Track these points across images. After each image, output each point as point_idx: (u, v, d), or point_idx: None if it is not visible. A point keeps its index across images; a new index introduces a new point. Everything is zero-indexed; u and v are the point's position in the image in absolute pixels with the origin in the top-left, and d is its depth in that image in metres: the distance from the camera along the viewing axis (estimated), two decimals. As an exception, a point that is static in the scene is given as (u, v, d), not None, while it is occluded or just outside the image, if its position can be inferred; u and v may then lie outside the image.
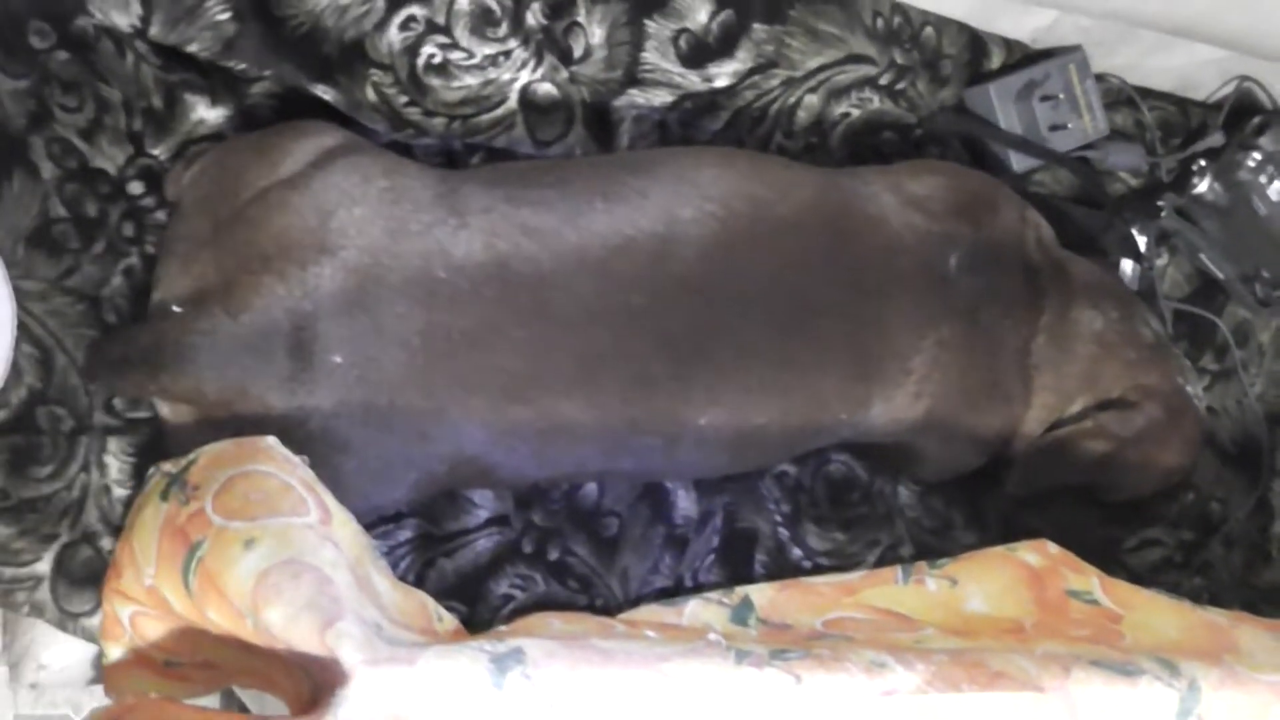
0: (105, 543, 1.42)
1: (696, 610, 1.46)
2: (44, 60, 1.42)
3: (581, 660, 1.11)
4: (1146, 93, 1.88)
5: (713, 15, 1.61)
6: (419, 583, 1.46)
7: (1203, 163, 1.86)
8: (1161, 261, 1.88)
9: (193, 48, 1.44)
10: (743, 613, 1.47)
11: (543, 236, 1.37)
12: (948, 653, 1.25)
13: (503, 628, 1.35)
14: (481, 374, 1.35)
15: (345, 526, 1.22)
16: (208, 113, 1.48)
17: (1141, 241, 1.82)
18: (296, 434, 1.29)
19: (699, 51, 1.62)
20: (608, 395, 1.39)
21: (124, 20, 1.42)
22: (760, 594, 1.49)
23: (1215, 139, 1.88)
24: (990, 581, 1.50)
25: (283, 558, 1.12)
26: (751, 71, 1.64)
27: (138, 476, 1.43)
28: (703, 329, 1.42)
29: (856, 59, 1.68)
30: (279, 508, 1.17)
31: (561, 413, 1.38)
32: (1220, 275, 1.90)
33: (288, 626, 1.08)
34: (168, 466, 1.27)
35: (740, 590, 1.50)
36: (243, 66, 1.46)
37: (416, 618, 1.27)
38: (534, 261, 1.36)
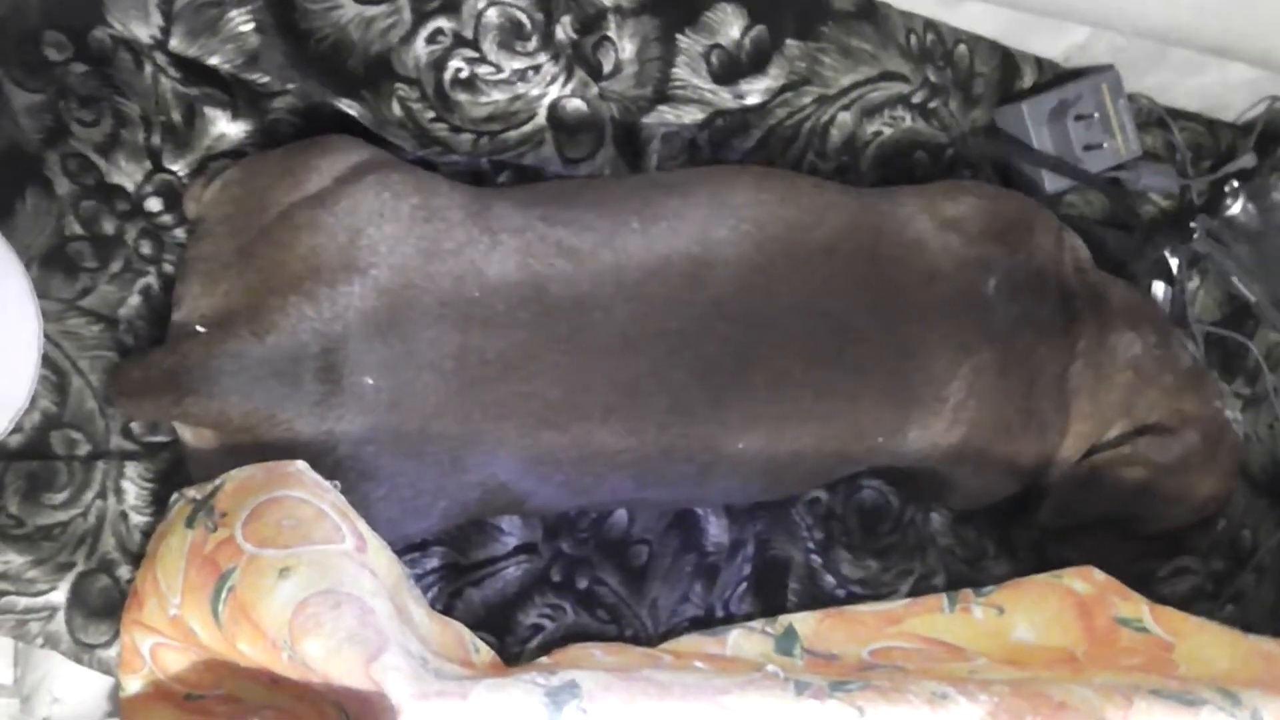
0: (123, 571, 1.37)
1: (739, 640, 1.43)
2: (60, 73, 1.38)
3: (639, 693, 1.07)
4: (1177, 113, 1.86)
5: (745, 31, 1.57)
6: (447, 613, 1.41)
7: (1235, 184, 1.83)
8: (1193, 285, 1.85)
9: (214, 60, 1.40)
10: (787, 643, 1.43)
11: (579, 257, 1.34)
12: (1008, 683, 1.22)
13: (545, 659, 1.31)
14: (516, 399, 1.31)
15: (380, 554, 1.19)
16: (229, 128, 1.43)
17: (1173, 264, 1.79)
18: (325, 460, 1.25)
19: (731, 68, 1.58)
20: (643, 422, 1.35)
21: (144, 31, 1.38)
22: (804, 624, 1.46)
23: (1247, 160, 1.85)
24: (1038, 610, 1.48)
25: (321, 587, 1.08)
26: (784, 89, 1.60)
27: (157, 503, 1.39)
28: (739, 354, 1.38)
29: (890, 76, 1.64)
30: (313, 535, 1.14)
31: (596, 440, 1.34)
32: (1252, 299, 1.87)
33: (329, 659, 1.04)
34: (192, 493, 1.24)
35: (784, 620, 1.47)
36: (265, 80, 1.42)
37: (453, 649, 1.23)
38: (570, 283, 1.33)
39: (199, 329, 1.27)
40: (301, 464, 1.22)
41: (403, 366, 1.27)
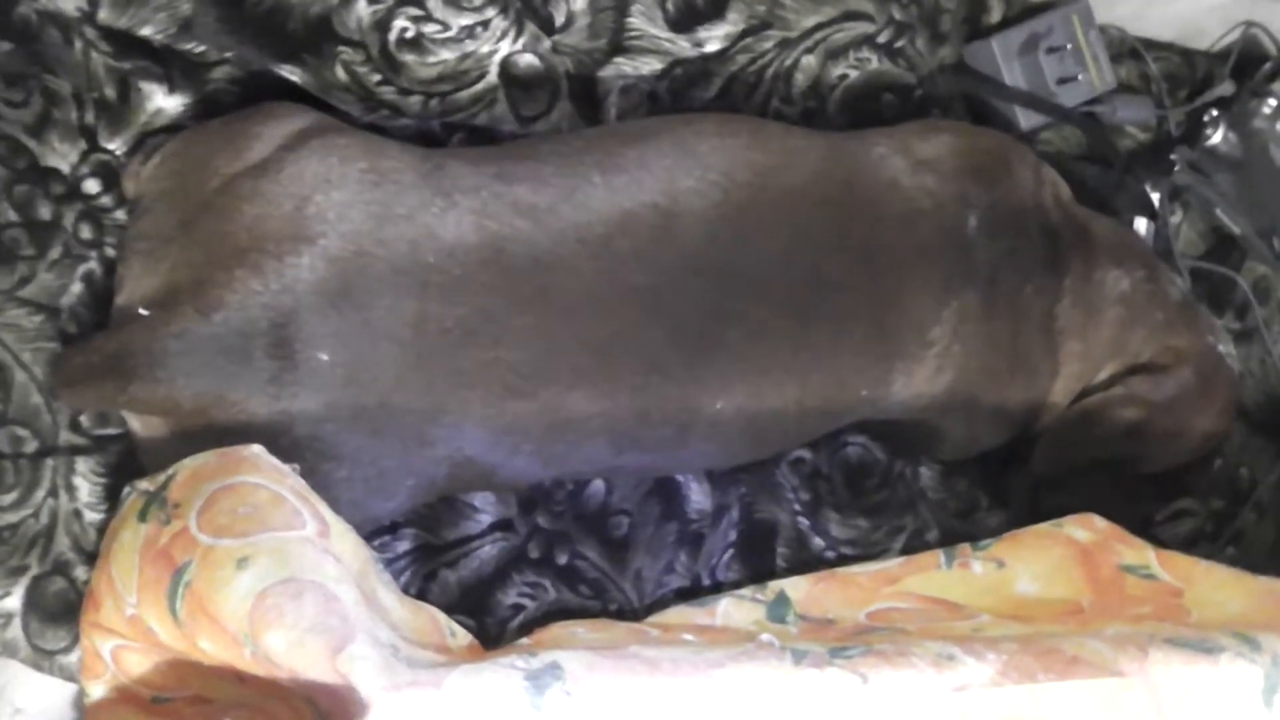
0: (79, 572, 1.32)
1: (729, 609, 1.37)
2: (-17, 53, 1.32)
3: (625, 671, 1.01)
4: (1150, 44, 1.81)
5: (702, -25, 1.51)
6: (421, 597, 1.36)
7: (1214, 113, 1.79)
8: (1175, 219, 1.80)
9: (146, 31, 1.35)
10: (779, 609, 1.38)
11: (538, 215, 1.28)
12: (1016, 640, 1.17)
13: (525, 640, 1.26)
14: (480, 367, 1.25)
15: (345, 538, 1.13)
16: (165, 102, 1.38)
17: (1154, 198, 1.74)
18: (281, 441, 1.19)
19: (688, 14, 1.52)
20: (615, 384, 1.30)
21: (70, 4, 1.33)
22: (795, 588, 1.40)
23: (1225, 88, 1.81)
24: (1039, 561, 1.42)
25: (281, 576, 1.02)
26: (744, 34, 1.55)
27: (111, 499, 1.33)
28: (712, 309, 1.33)
29: (853, 16, 1.58)
30: (272, 522, 1.08)
31: (567, 406, 1.28)
32: (1237, 230, 1.82)
33: (292, 652, 0.99)
34: (144, 485, 1.18)
35: (774, 585, 1.41)
36: (201, 49, 1.36)
37: (428, 634, 1.18)
38: (530, 243, 1.27)
39: (142, 311, 1.21)
40: (257, 448, 1.16)
41: (359, 338, 1.21)
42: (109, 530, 1.19)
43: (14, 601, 1.30)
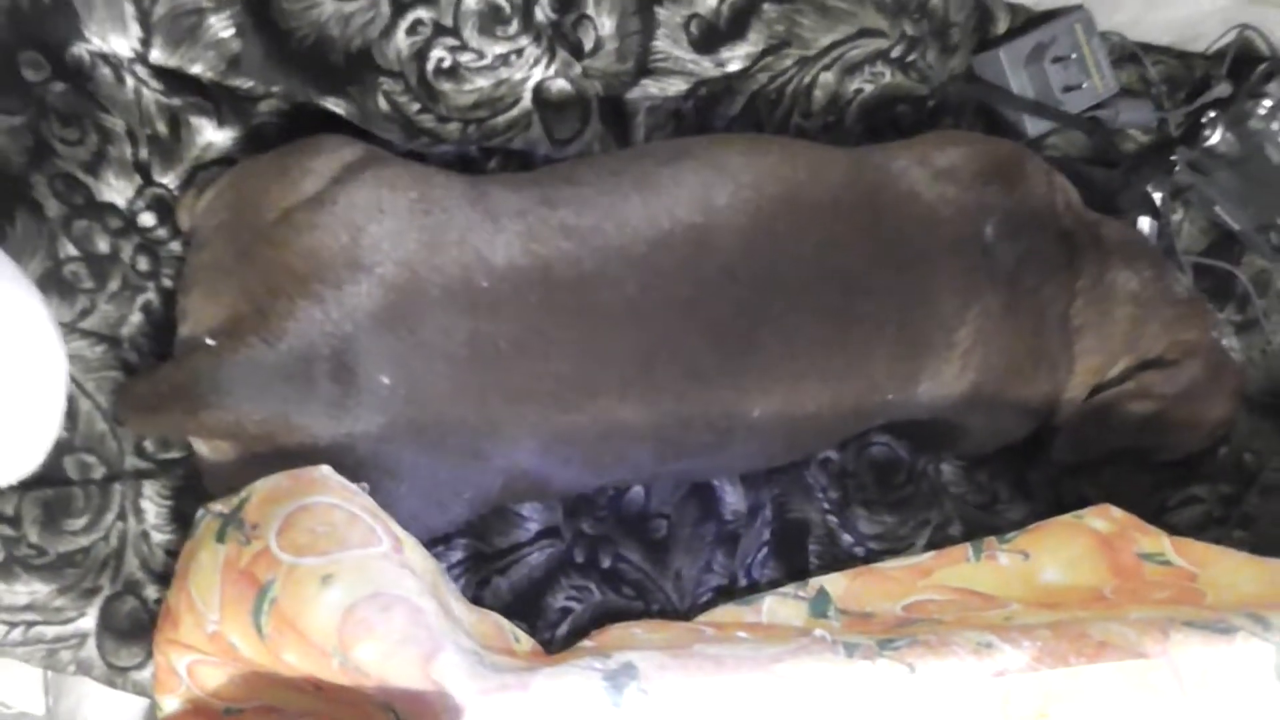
0: (150, 592, 1.37)
1: (774, 607, 1.43)
2: (39, 93, 1.37)
3: (695, 669, 1.07)
4: (1149, 48, 1.86)
5: (722, -2, 1.57)
6: (476, 603, 1.40)
7: (1213, 114, 1.84)
8: (1177, 216, 1.86)
9: (196, 69, 1.40)
10: (821, 605, 1.43)
11: (582, 235, 1.33)
12: (1049, 627, 1.23)
13: (588, 643, 1.31)
14: (532, 382, 1.30)
15: (415, 552, 1.19)
16: (215, 135, 1.43)
17: (1157, 197, 1.80)
18: (345, 461, 1.24)
19: (710, 36, 1.58)
20: (661, 394, 1.35)
21: (124, 45, 1.37)
22: (834, 585, 1.46)
23: (1222, 89, 1.86)
24: (1062, 551, 1.49)
25: (367, 592, 1.07)
26: (764, 53, 1.60)
27: (176, 520, 1.39)
28: (750, 318, 1.38)
29: (868, 33, 1.64)
30: (349, 540, 1.13)
31: (615, 416, 1.34)
32: (1236, 226, 1.88)
33: (385, 662, 1.04)
34: (218, 507, 1.22)
35: (814, 582, 1.47)
36: (249, 84, 1.41)
37: (495, 640, 1.23)
38: (575, 262, 1.32)
39: (209, 341, 1.26)
40: (326, 469, 1.20)
41: (416, 359, 1.26)
42: (185, 551, 1.24)
43: (89, 621, 1.35)
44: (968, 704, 1.16)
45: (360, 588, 1.08)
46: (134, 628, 1.36)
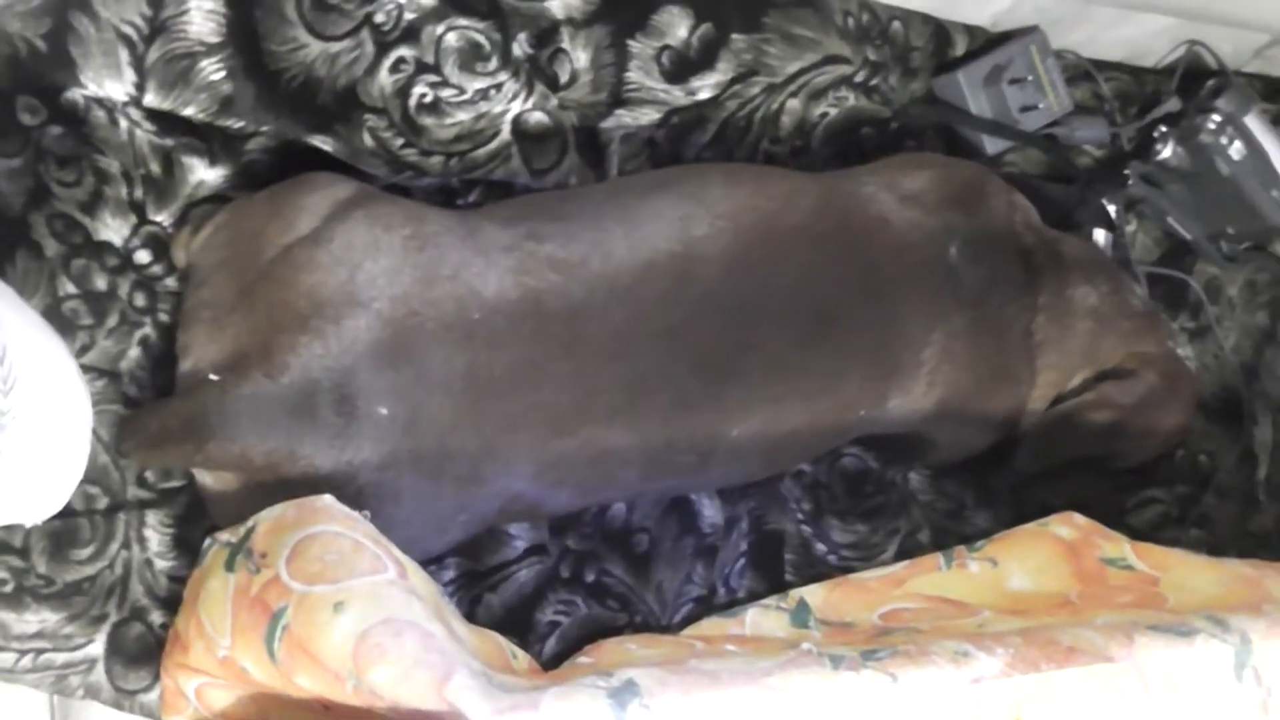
0: (155, 617, 1.41)
1: (756, 618, 1.49)
2: (37, 137, 1.40)
3: (693, 685, 1.12)
4: (1102, 65, 1.92)
5: (692, 30, 1.62)
6: (469, 620, 1.44)
7: (1164, 129, 1.90)
8: (1131, 228, 1.92)
9: (189, 111, 1.43)
10: (801, 615, 1.49)
11: (570, 269, 1.38)
12: (1020, 634, 1.28)
13: (584, 660, 1.36)
14: (526, 411, 1.35)
15: (418, 576, 1.23)
16: (207, 173, 1.46)
17: (1111, 210, 1.86)
18: (347, 490, 1.29)
19: (681, 66, 1.63)
20: (647, 419, 1.40)
21: (119, 89, 1.40)
22: (814, 595, 1.52)
23: (1172, 104, 1.92)
24: (1029, 559, 1.55)
25: (379, 618, 1.12)
26: (733, 81, 1.66)
27: (179, 548, 1.42)
28: (730, 344, 1.43)
29: (832, 60, 1.70)
30: (358, 568, 1.17)
31: (605, 441, 1.39)
32: (1188, 236, 1.94)
33: (399, 685, 1.08)
34: (225, 536, 1.27)
35: (794, 594, 1.53)
36: (240, 124, 1.45)
37: (495, 658, 1.27)
38: (565, 295, 1.37)
39: (212, 376, 1.30)
40: (329, 498, 1.25)
41: (414, 391, 1.31)
42: (193, 579, 1.28)
43: (97, 648, 1.39)
44: (946, 711, 1.22)
45: (372, 614, 1.12)
46: (141, 652, 1.40)
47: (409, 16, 1.50)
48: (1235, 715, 1.32)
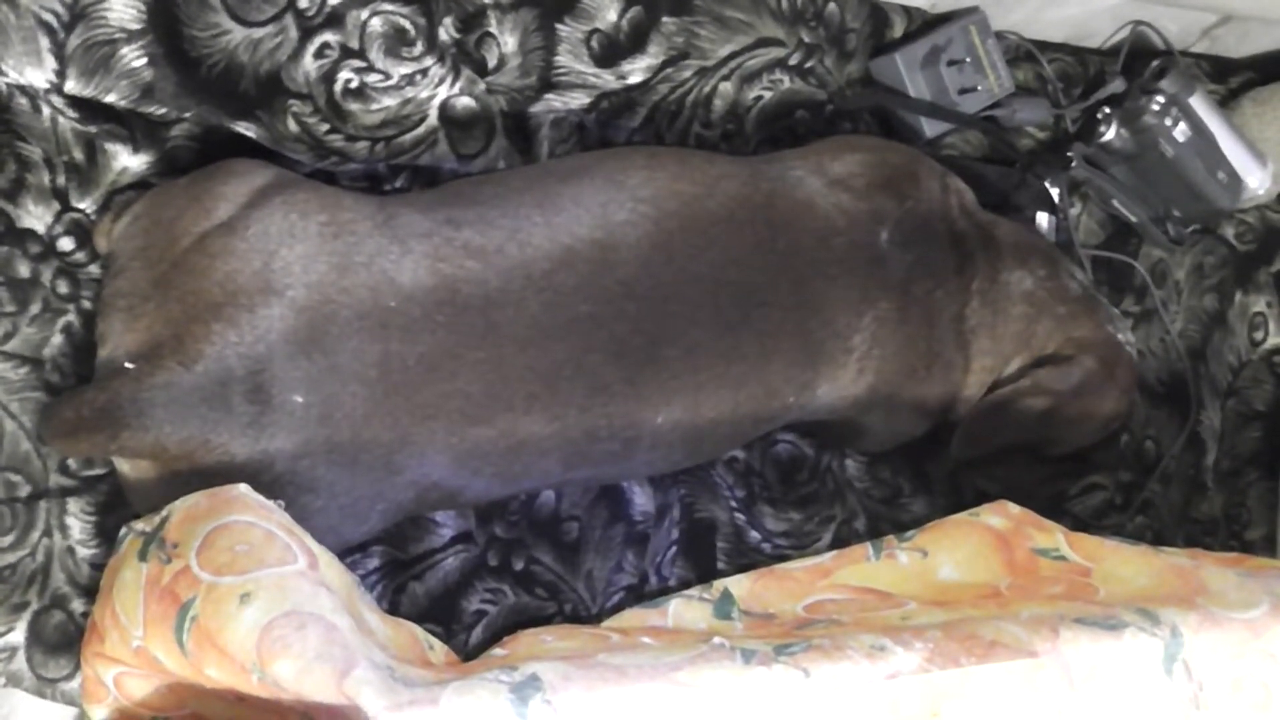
0: (76, 605, 1.40)
1: (679, 609, 1.48)
2: (-44, 125, 1.39)
3: (598, 680, 1.11)
4: (1044, 45, 1.92)
5: (622, 13, 1.61)
6: (393, 609, 1.46)
7: (1107, 110, 1.90)
8: (1075, 211, 1.92)
9: (111, 98, 1.42)
10: (725, 607, 1.48)
11: (486, 256, 1.37)
12: (940, 627, 1.27)
13: (499, 651, 1.35)
14: (441, 400, 1.35)
15: (332, 567, 1.22)
16: (130, 160, 1.45)
17: (1054, 193, 1.85)
18: (262, 479, 1.28)
19: (611, 50, 1.62)
20: (566, 407, 1.39)
21: (39, 76, 1.39)
22: (738, 586, 1.51)
23: (1117, 85, 1.92)
24: (959, 549, 1.54)
25: (283, 610, 1.11)
26: (664, 65, 1.65)
27: (101, 535, 1.42)
28: (650, 331, 1.43)
29: (766, 42, 1.69)
30: (267, 558, 1.17)
31: (522, 430, 1.38)
32: (1133, 219, 1.94)
33: (301, 678, 1.08)
34: (140, 525, 1.26)
35: (718, 584, 1.52)
36: (162, 111, 1.44)
37: (409, 649, 1.27)
38: (481, 282, 1.36)
39: (128, 365, 1.29)
40: (243, 487, 1.24)
41: (329, 380, 1.31)
42: (109, 568, 1.28)
43: (18, 636, 1.38)
44: (860, 707, 1.20)
45: (277, 606, 1.11)
46: (62, 640, 1.39)
47: (333, 2, 1.49)
48: (1164, 710, 1.30)
